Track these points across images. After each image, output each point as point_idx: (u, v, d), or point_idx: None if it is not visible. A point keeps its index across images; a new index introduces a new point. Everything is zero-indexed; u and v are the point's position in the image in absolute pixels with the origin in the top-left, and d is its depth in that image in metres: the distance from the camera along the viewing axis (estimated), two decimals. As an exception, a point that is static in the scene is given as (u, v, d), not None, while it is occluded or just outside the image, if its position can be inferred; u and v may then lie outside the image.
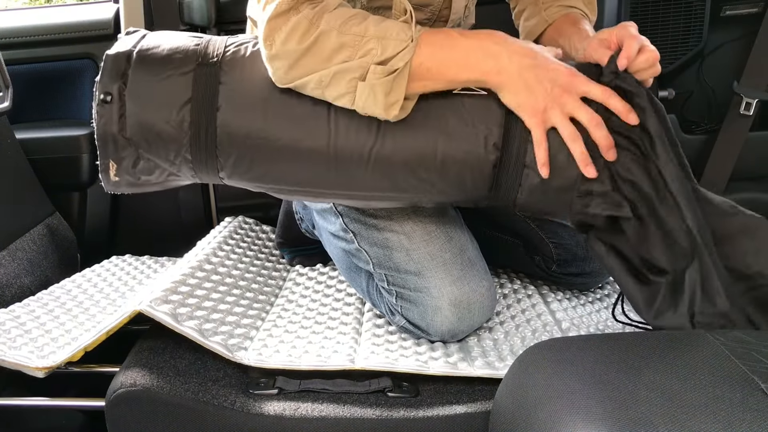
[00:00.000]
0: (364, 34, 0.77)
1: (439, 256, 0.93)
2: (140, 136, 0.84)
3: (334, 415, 0.79)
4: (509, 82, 0.79)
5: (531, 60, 0.79)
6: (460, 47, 0.79)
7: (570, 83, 0.78)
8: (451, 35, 0.80)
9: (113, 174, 0.87)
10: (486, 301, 0.94)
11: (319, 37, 0.77)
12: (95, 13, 1.59)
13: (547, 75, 0.78)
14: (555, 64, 0.80)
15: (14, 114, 1.40)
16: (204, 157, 0.85)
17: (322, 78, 0.78)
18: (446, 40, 0.79)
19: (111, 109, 0.84)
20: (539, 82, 0.78)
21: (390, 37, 0.77)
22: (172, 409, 0.81)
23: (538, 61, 0.79)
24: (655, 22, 1.45)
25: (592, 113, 0.78)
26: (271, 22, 0.78)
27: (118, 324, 0.89)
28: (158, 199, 1.54)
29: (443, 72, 0.79)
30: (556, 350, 0.67)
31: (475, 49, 0.79)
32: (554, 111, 0.78)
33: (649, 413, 0.53)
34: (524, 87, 0.78)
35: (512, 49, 0.79)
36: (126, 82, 0.83)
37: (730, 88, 1.42)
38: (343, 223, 0.99)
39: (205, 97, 0.83)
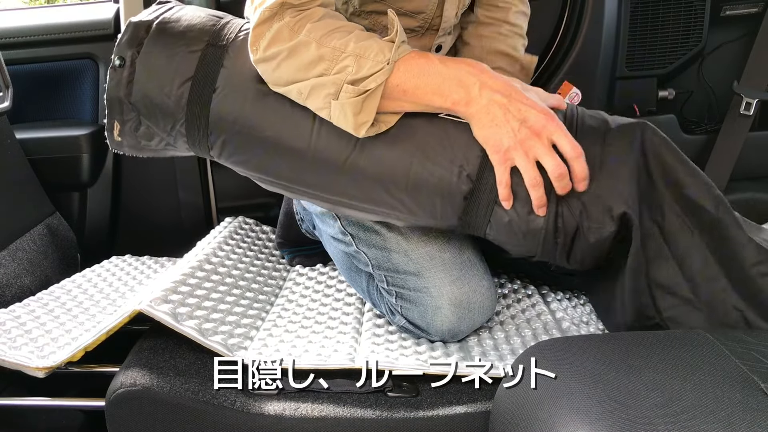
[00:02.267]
0: (344, 50, 0.78)
1: (438, 256, 0.93)
2: (142, 103, 0.87)
3: (334, 415, 0.79)
4: (477, 115, 0.78)
5: (503, 96, 0.78)
6: (435, 74, 0.79)
7: (542, 127, 0.77)
8: (431, 60, 0.80)
9: (116, 134, 0.91)
10: (486, 301, 0.94)
11: (298, 46, 0.78)
12: (95, 13, 1.59)
13: (518, 114, 0.77)
14: (528, 104, 0.78)
15: (14, 114, 1.40)
16: (197, 134, 0.88)
17: (301, 90, 0.80)
18: (425, 66, 0.79)
19: (121, 74, 0.87)
20: (507, 120, 0.77)
21: (368, 56, 0.77)
22: (172, 409, 0.81)
23: (511, 98, 0.78)
24: (655, 22, 1.45)
25: (557, 163, 0.77)
26: (256, 29, 0.80)
27: (118, 324, 0.89)
28: (158, 199, 1.54)
29: (418, 96, 0.79)
30: (556, 350, 0.67)
31: (449, 78, 0.79)
32: (518, 152, 0.78)
33: (649, 413, 0.53)
34: (491, 122, 0.78)
35: (486, 83, 0.78)
36: (140, 51, 0.87)
37: (730, 88, 1.42)
38: (342, 226, 0.99)
39: (206, 77, 0.85)
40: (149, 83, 0.86)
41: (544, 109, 0.79)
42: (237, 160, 0.89)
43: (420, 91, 0.79)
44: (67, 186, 1.52)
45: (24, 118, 1.55)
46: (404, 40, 0.80)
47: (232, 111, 0.85)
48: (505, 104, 0.77)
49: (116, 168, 1.54)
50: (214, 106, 0.85)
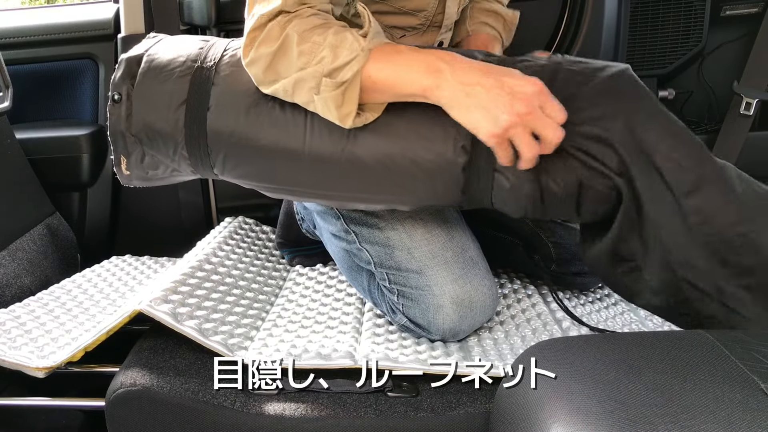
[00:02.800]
0: (322, 43, 0.78)
1: (440, 255, 0.93)
2: (144, 133, 0.90)
3: (334, 415, 0.79)
4: (455, 97, 0.76)
5: (481, 75, 0.75)
6: (404, 62, 0.78)
7: (533, 94, 0.74)
8: (399, 50, 0.80)
9: (124, 168, 0.94)
10: (487, 300, 0.94)
11: (285, 40, 0.79)
12: (95, 13, 1.59)
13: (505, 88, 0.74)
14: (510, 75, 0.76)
15: (14, 114, 1.40)
16: (198, 153, 0.89)
17: (286, 87, 0.81)
18: (393, 55, 0.79)
19: (120, 108, 0.90)
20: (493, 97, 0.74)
21: (343, 46, 0.78)
22: (172, 409, 0.81)
23: (490, 74, 0.75)
24: (655, 22, 1.45)
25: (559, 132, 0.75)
26: (252, 33, 0.81)
27: (118, 324, 0.90)
28: (158, 199, 1.54)
29: (389, 85, 0.79)
30: (556, 350, 0.67)
31: (417, 63, 0.78)
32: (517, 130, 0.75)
33: (649, 413, 0.53)
34: (476, 104, 0.75)
35: (457, 66, 0.76)
36: (134, 84, 0.90)
37: (730, 88, 1.42)
38: (344, 224, 0.99)
39: (199, 97, 0.88)
40: (147, 112, 0.89)
41: (527, 77, 0.76)
42: (240, 173, 0.91)
43: (389, 80, 0.78)
44: (67, 186, 1.52)
45: (24, 118, 1.55)
46: (379, 31, 0.81)
47: (228, 125, 0.87)
48: (485, 82, 0.75)
49: (116, 168, 1.54)
50: (210, 123, 0.87)
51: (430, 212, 0.96)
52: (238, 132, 0.86)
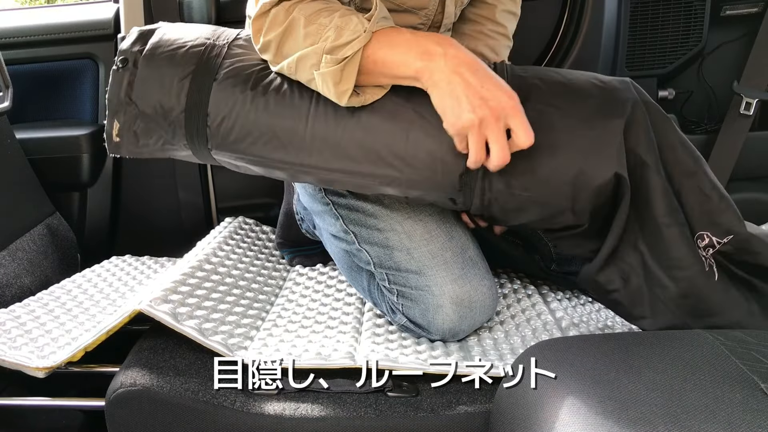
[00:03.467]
0: (327, 24, 0.80)
1: (440, 255, 0.93)
2: (143, 100, 0.90)
3: (334, 415, 0.79)
4: (439, 83, 0.78)
5: (467, 69, 0.77)
6: (403, 43, 0.80)
7: (501, 109, 0.76)
8: (401, 32, 0.81)
9: (115, 133, 0.93)
10: (487, 300, 0.94)
11: (291, 23, 0.82)
12: (95, 13, 1.59)
13: (480, 90, 0.76)
14: (492, 82, 0.77)
15: (14, 114, 1.40)
16: (196, 124, 0.90)
17: (290, 64, 0.84)
18: (395, 36, 0.81)
19: (123, 75, 0.90)
20: (467, 95, 0.76)
21: (347, 27, 0.80)
22: (172, 409, 0.81)
23: (477, 73, 0.77)
24: (655, 22, 1.45)
25: (503, 154, 0.77)
26: (257, 20, 0.84)
27: (118, 324, 0.90)
28: (158, 199, 1.54)
29: (387, 66, 0.80)
30: (556, 350, 0.67)
31: (415, 46, 0.79)
32: (473, 132, 0.77)
33: (649, 413, 0.53)
34: (450, 93, 0.77)
35: (451, 54, 0.78)
36: (143, 51, 0.91)
37: (730, 88, 1.42)
38: (343, 224, 0.99)
39: (207, 68, 0.89)
40: (152, 79, 0.89)
41: (507, 89, 0.78)
42: (235, 148, 0.90)
43: (388, 60, 0.80)
44: (67, 186, 1.52)
45: (24, 118, 1.55)
46: (385, 16, 0.83)
47: (233, 96, 0.88)
48: (468, 78, 0.77)
49: (116, 168, 1.54)
50: (215, 93, 0.88)
51: (430, 213, 0.96)
52: (241, 103, 0.88)
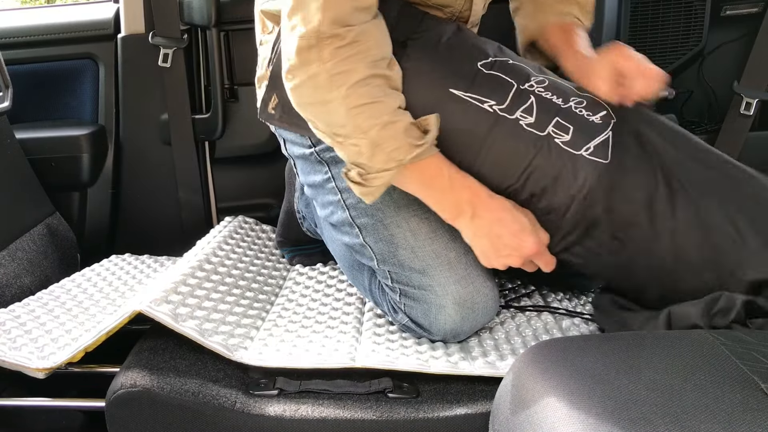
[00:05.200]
0: (365, 132, 0.80)
1: (443, 255, 0.93)
2: None
3: (335, 416, 0.79)
4: (466, 234, 0.88)
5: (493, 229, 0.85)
6: (435, 189, 0.86)
7: (526, 257, 0.86)
8: (441, 175, 0.84)
9: (272, 106, 0.96)
10: (489, 302, 0.94)
11: (331, 102, 0.79)
12: (95, 13, 1.59)
13: (504, 253, 0.86)
14: (514, 245, 0.85)
15: (14, 114, 1.40)
16: None
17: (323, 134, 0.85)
18: (432, 180, 0.85)
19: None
20: (493, 252, 0.87)
21: (384, 148, 0.80)
22: (172, 410, 0.81)
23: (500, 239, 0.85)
24: (655, 22, 1.45)
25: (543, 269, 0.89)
26: (295, 58, 0.79)
27: (118, 324, 0.90)
28: (158, 199, 1.54)
29: (419, 196, 0.88)
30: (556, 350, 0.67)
31: (446, 198, 0.86)
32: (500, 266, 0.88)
33: (649, 413, 0.53)
34: (479, 248, 0.88)
35: (479, 215, 0.85)
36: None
37: (730, 88, 1.42)
38: (350, 216, 0.98)
39: None
40: None
41: (532, 238, 0.85)
42: None
43: (420, 195, 0.87)
44: (67, 186, 1.52)
45: (24, 118, 1.55)
46: (433, 143, 0.83)
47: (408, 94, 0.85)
48: (494, 240, 0.86)
49: (116, 168, 1.54)
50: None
51: (434, 212, 0.96)
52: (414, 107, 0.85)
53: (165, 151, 1.51)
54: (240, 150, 1.53)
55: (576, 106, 0.88)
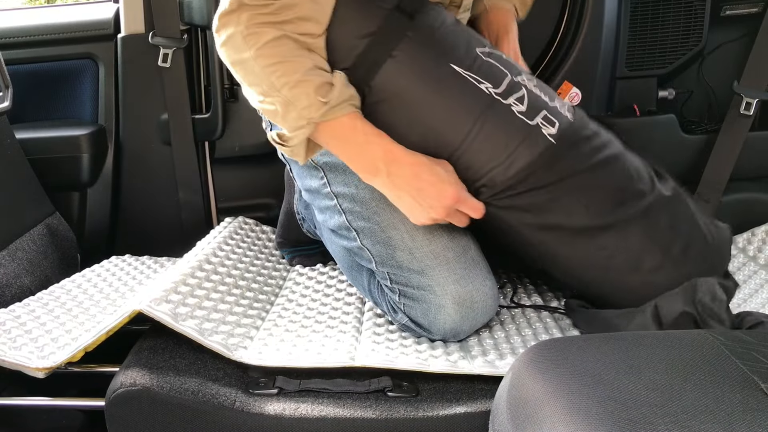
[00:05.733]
0: (279, 89, 0.82)
1: (442, 255, 0.93)
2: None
3: (334, 415, 0.79)
4: (386, 192, 0.89)
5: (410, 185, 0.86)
6: (348, 151, 0.87)
7: (446, 215, 0.87)
8: (347, 137, 0.86)
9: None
10: (489, 301, 0.94)
11: (244, 61, 0.83)
12: (95, 13, 1.59)
13: (425, 205, 0.86)
14: (436, 188, 0.85)
15: (14, 114, 1.40)
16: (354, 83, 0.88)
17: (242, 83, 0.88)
18: (340, 140, 0.86)
19: None
20: (415, 206, 0.87)
21: (294, 107, 0.82)
22: (172, 409, 0.81)
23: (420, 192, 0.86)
24: (655, 22, 1.45)
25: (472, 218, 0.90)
26: (220, 19, 0.84)
27: (118, 324, 0.90)
28: (158, 199, 1.54)
29: (336, 153, 0.89)
30: (556, 350, 0.67)
31: (363, 157, 0.87)
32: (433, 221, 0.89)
33: (649, 413, 0.53)
34: (401, 204, 0.89)
35: (393, 173, 0.86)
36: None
37: (730, 88, 1.42)
38: (347, 221, 0.99)
39: (386, 38, 0.86)
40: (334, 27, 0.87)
41: (449, 187, 0.85)
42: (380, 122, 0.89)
43: (336, 153, 0.89)
44: (67, 186, 1.52)
45: (24, 118, 1.55)
46: (345, 100, 0.84)
47: (401, 83, 0.86)
48: (413, 193, 0.86)
49: (116, 168, 1.54)
50: (386, 69, 0.86)
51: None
52: (407, 96, 0.86)
53: (165, 151, 1.51)
54: (240, 150, 1.53)
55: (559, 105, 0.91)
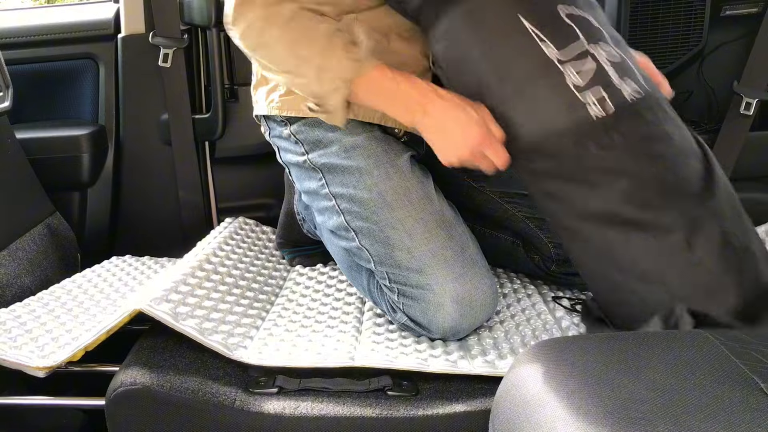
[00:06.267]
0: (308, 60, 0.85)
1: (440, 254, 0.93)
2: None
3: (334, 414, 0.79)
4: (423, 131, 0.89)
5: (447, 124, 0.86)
6: (384, 95, 0.88)
7: (477, 147, 0.85)
8: (383, 79, 0.87)
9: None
10: (488, 299, 0.94)
11: (270, 45, 0.86)
12: (95, 13, 1.59)
13: (459, 141, 0.86)
14: (469, 128, 0.84)
15: (14, 114, 1.40)
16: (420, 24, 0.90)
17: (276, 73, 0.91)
18: (376, 86, 0.87)
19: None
20: (447, 147, 0.88)
21: (328, 70, 0.85)
22: (172, 408, 0.81)
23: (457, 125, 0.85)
24: (655, 22, 1.45)
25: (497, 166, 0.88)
26: (236, 9, 0.87)
27: (118, 323, 0.90)
28: (158, 199, 1.54)
29: (373, 107, 0.92)
30: (556, 350, 0.67)
31: (395, 101, 0.88)
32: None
33: (648, 413, 0.53)
34: (433, 142, 0.89)
35: (430, 111, 0.86)
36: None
37: (730, 88, 1.42)
38: (345, 221, 0.99)
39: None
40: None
41: (478, 128, 0.84)
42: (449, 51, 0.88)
43: (374, 105, 0.91)
44: (67, 186, 1.52)
45: (24, 118, 1.55)
46: (369, 54, 0.86)
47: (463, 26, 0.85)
48: (444, 137, 0.87)
49: (116, 168, 1.54)
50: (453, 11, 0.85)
51: (430, 211, 0.96)
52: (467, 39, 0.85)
53: (165, 151, 1.51)
54: (240, 150, 1.53)
55: (629, 84, 0.85)
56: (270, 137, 1.10)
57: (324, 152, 1.00)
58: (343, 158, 0.98)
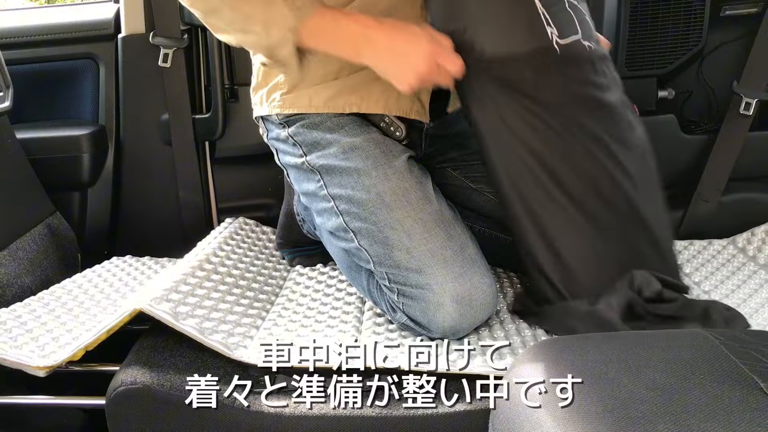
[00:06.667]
0: (254, 16, 0.87)
1: (439, 254, 0.93)
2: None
3: (334, 414, 0.79)
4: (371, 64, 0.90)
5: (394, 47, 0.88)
6: (330, 38, 0.89)
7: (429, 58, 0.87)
8: (326, 19, 0.88)
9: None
10: (488, 298, 0.94)
11: (216, 8, 0.88)
12: (96, 13, 1.59)
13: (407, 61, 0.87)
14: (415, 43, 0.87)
15: (14, 114, 1.40)
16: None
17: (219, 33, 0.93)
18: (321, 29, 0.88)
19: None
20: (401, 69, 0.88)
21: (274, 22, 0.86)
22: (172, 407, 0.81)
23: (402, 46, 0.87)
24: (655, 22, 1.45)
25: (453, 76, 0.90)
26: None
27: (118, 323, 0.90)
28: (158, 199, 1.54)
29: (320, 49, 0.91)
30: (556, 350, 0.67)
31: (341, 39, 0.89)
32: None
33: (648, 412, 0.53)
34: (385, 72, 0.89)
35: (372, 39, 0.88)
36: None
37: (729, 88, 1.42)
38: (344, 222, 0.99)
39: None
40: None
41: (425, 41, 0.87)
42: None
43: (321, 48, 0.91)
44: (67, 186, 1.52)
45: (24, 118, 1.55)
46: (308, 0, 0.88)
47: None
48: (395, 59, 0.88)
49: (116, 168, 1.54)
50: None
51: (429, 211, 0.96)
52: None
53: (165, 151, 1.51)
54: (240, 150, 1.53)
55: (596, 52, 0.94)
56: (268, 139, 1.10)
57: (322, 154, 1.00)
58: (342, 159, 0.98)
